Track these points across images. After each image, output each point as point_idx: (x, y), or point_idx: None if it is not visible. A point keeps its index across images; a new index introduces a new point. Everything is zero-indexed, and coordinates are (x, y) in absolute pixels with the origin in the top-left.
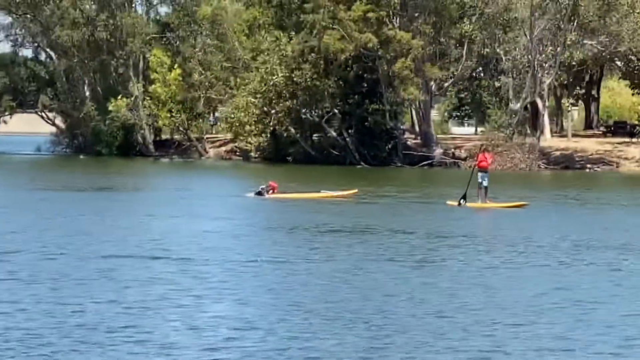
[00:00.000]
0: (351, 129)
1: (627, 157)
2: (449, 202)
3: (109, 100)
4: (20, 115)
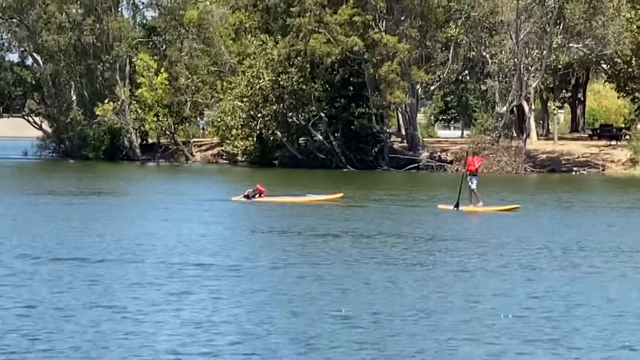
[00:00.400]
0: (337, 132)
1: (613, 160)
2: (440, 206)
3: (96, 105)
4: (6, 119)
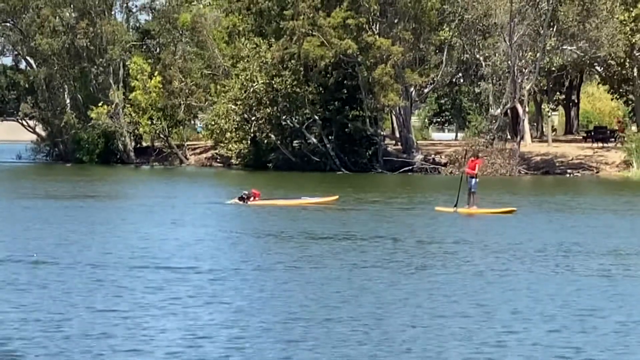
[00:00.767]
0: (331, 135)
1: (607, 162)
2: (437, 208)
3: (90, 108)
4: (0, 123)
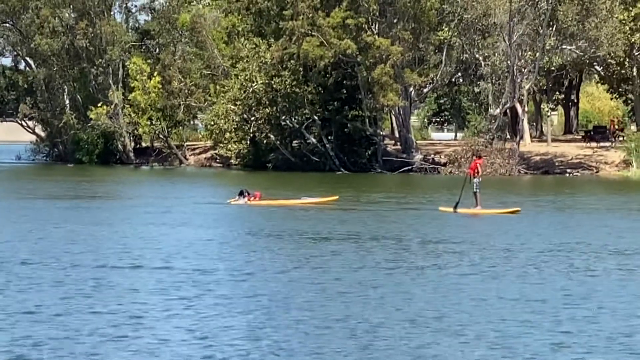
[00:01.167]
0: (331, 135)
1: (607, 162)
2: (441, 208)
3: (89, 109)
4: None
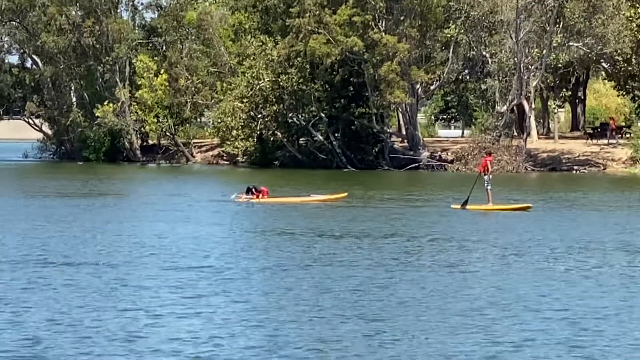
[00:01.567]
0: (338, 132)
1: (614, 159)
2: (453, 206)
3: (96, 106)
4: (6, 121)
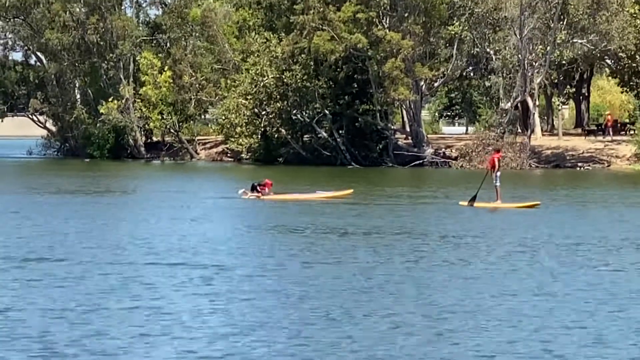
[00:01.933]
0: (342, 129)
1: (618, 156)
2: (461, 203)
3: (100, 103)
4: (11, 118)
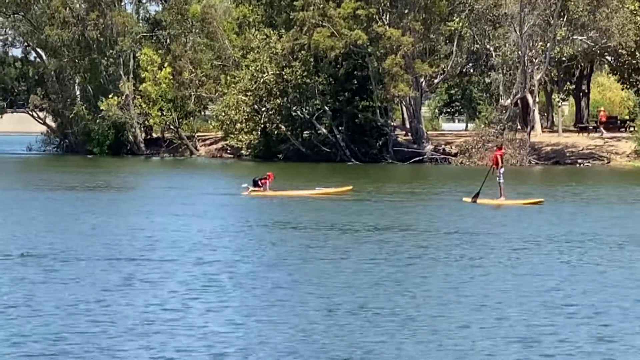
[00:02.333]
0: (342, 126)
1: (618, 152)
2: (464, 199)
3: (100, 100)
4: (10, 114)
